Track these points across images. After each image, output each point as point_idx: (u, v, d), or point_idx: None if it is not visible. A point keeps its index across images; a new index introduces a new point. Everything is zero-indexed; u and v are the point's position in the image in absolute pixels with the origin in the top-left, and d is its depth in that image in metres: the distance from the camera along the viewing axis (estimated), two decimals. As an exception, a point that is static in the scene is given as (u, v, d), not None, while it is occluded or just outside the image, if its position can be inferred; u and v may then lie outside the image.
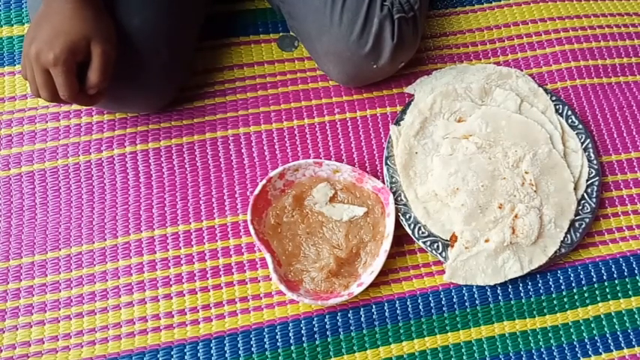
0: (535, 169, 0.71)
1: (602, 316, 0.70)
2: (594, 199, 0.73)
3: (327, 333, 0.67)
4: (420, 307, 0.69)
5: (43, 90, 0.58)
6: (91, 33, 0.58)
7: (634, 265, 0.72)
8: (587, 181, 0.74)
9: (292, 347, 0.66)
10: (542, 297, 0.70)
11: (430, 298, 0.69)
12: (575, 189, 0.72)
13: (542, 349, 0.68)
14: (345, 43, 0.69)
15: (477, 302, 0.69)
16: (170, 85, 0.72)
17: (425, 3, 0.75)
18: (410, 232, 0.70)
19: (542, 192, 0.71)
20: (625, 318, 0.70)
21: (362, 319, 0.68)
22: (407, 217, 0.70)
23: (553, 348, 0.68)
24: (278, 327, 0.67)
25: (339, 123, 0.77)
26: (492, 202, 0.70)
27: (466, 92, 0.76)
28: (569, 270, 0.72)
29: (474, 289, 0.70)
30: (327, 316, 0.68)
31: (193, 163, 0.74)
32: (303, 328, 0.67)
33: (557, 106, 0.77)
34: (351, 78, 0.75)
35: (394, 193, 0.71)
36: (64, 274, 0.68)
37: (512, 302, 0.70)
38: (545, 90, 0.78)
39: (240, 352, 0.66)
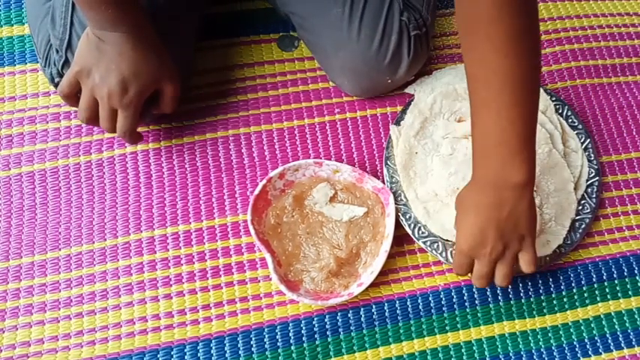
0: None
1: (602, 316, 0.70)
2: (594, 199, 0.73)
3: (327, 333, 0.67)
4: (420, 307, 0.69)
5: (104, 122, 0.62)
6: (160, 75, 0.63)
7: (634, 265, 0.72)
8: (587, 181, 0.74)
9: (292, 347, 0.66)
10: (542, 297, 0.70)
11: (430, 298, 0.69)
12: (575, 189, 0.72)
13: (542, 349, 0.68)
14: (363, 58, 0.70)
15: (476, 302, 0.69)
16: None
17: (434, 18, 0.76)
18: (410, 232, 0.70)
19: (542, 191, 0.71)
20: (625, 318, 0.70)
21: (362, 319, 0.68)
22: (407, 217, 0.70)
23: (553, 348, 0.68)
24: (278, 327, 0.67)
25: (339, 123, 0.77)
26: (492, 202, 0.70)
27: (466, 92, 0.76)
28: (569, 270, 0.72)
29: (474, 289, 0.70)
30: (327, 316, 0.68)
31: (193, 163, 0.74)
32: (303, 328, 0.67)
33: (557, 106, 0.77)
34: (365, 91, 0.76)
35: (394, 193, 0.71)
36: (64, 274, 0.68)
37: (512, 302, 0.70)
38: (545, 90, 0.78)
39: (240, 352, 0.66)
